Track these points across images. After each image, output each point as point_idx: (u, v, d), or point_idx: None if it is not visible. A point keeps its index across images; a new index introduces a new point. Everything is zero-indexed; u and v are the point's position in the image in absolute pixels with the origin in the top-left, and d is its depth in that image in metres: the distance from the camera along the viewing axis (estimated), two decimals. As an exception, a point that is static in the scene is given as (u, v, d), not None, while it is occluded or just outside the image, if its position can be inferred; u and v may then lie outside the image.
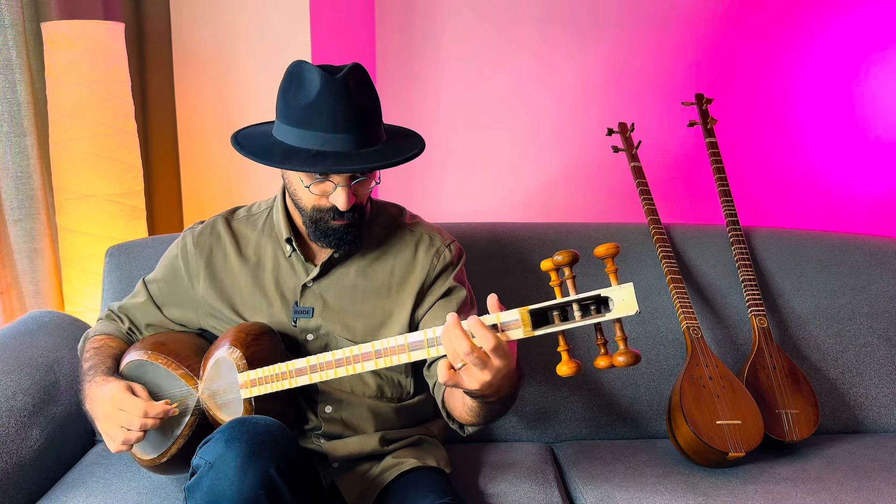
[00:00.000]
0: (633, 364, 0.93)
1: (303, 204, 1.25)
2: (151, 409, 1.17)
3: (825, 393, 1.70)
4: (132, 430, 1.17)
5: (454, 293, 1.34)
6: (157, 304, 1.40)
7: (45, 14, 1.99)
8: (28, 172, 1.97)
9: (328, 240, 1.25)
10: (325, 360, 1.11)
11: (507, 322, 0.97)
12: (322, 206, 1.23)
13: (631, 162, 1.88)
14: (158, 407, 1.18)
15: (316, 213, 1.24)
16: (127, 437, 1.17)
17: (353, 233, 1.26)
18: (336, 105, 1.16)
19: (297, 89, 1.19)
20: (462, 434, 1.28)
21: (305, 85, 1.18)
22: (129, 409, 1.17)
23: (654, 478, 1.45)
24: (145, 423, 1.17)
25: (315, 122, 1.17)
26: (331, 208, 1.22)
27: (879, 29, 2.51)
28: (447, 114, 2.66)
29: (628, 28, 2.56)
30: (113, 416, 1.18)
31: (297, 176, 1.22)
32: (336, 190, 1.19)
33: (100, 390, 1.23)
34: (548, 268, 0.94)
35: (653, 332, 1.70)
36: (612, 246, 0.91)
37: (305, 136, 1.18)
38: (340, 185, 1.19)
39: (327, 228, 1.24)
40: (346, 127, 1.17)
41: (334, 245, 1.26)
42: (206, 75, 2.28)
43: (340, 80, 1.16)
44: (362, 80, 1.20)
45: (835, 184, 2.63)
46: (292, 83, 1.20)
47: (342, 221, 1.23)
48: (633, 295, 0.91)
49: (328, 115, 1.16)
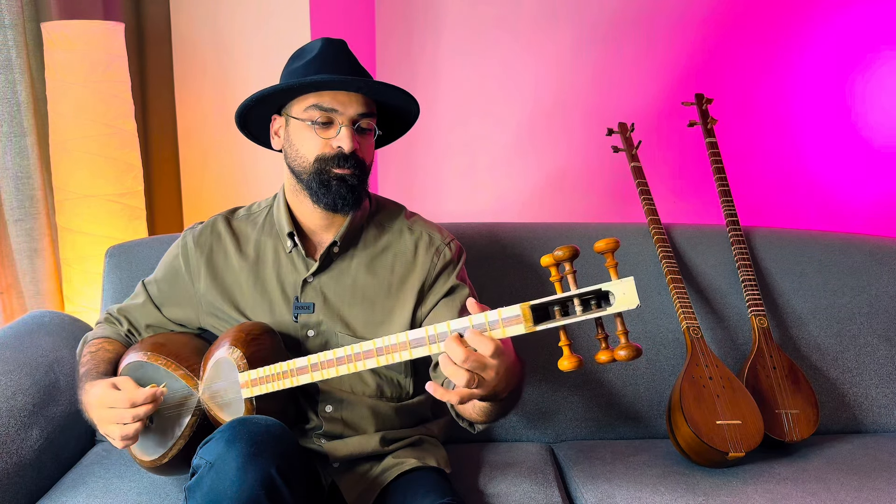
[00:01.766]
0: (634, 357, 0.92)
1: (306, 160, 1.27)
2: (138, 397, 1.17)
3: (825, 393, 1.70)
4: (127, 423, 1.17)
5: (457, 292, 1.34)
6: (156, 305, 1.41)
7: (45, 14, 1.99)
8: (28, 172, 1.97)
9: (330, 194, 1.26)
10: (326, 359, 1.11)
11: (508, 318, 0.96)
12: (326, 154, 1.25)
13: (631, 162, 1.88)
14: (144, 392, 1.17)
15: (320, 165, 1.26)
16: (124, 432, 1.17)
17: (357, 187, 1.28)
18: (338, 56, 1.27)
19: (299, 56, 1.30)
20: (472, 431, 1.27)
21: (306, 49, 1.30)
22: (116, 404, 1.17)
23: (654, 478, 1.45)
24: (136, 412, 1.16)
25: (321, 68, 1.25)
26: (335, 155, 1.25)
27: (879, 28, 2.51)
28: (447, 113, 2.66)
29: (629, 28, 2.56)
30: (105, 416, 1.18)
31: (303, 120, 1.26)
32: (340, 132, 1.24)
33: (89, 397, 1.23)
34: (548, 263, 0.94)
35: (653, 332, 1.70)
36: (612, 241, 0.91)
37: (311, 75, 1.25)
38: (344, 126, 1.24)
39: (331, 178, 1.26)
40: (349, 71, 1.26)
41: (339, 201, 1.27)
42: (206, 75, 2.28)
43: (339, 41, 1.29)
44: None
45: (834, 184, 2.63)
46: (294, 57, 1.31)
47: (345, 170, 1.25)
48: (633, 289, 0.91)
49: (332, 62, 1.25)
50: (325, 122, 1.25)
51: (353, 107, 1.25)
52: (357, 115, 1.26)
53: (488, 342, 0.96)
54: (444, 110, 2.66)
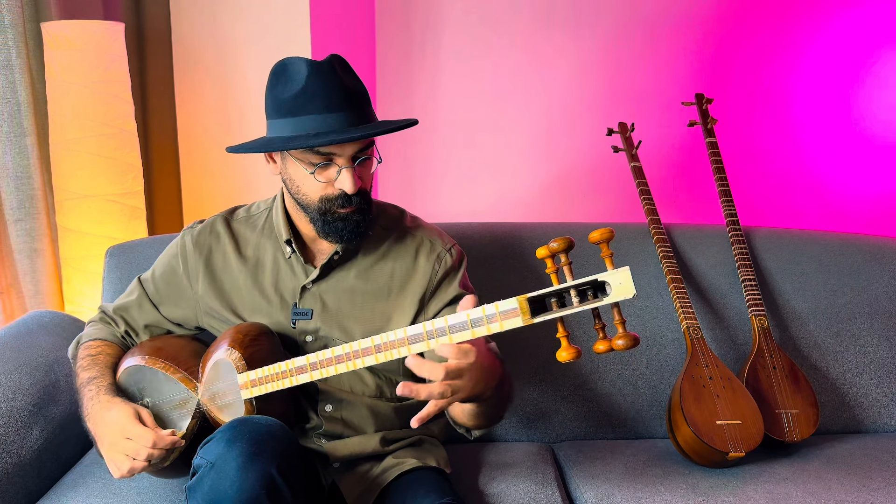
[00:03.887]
0: (632, 346, 0.92)
1: (309, 198, 1.24)
2: (160, 441, 1.16)
3: (825, 393, 1.70)
4: (138, 459, 1.16)
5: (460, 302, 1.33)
6: (153, 303, 1.40)
7: (45, 14, 1.99)
8: (28, 172, 1.97)
9: (339, 233, 1.24)
10: (324, 357, 1.11)
11: (506, 311, 0.96)
12: (329, 194, 1.22)
13: (631, 162, 1.88)
14: (166, 439, 1.17)
15: (324, 204, 1.23)
16: (133, 467, 1.17)
17: (363, 222, 1.25)
18: (326, 87, 1.17)
19: (284, 82, 1.20)
20: (469, 437, 1.28)
21: (292, 76, 1.19)
22: (136, 439, 1.16)
23: (654, 478, 1.45)
24: (152, 453, 1.16)
25: (308, 106, 1.17)
26: (338, 196, 1.21)
27: (879, 28, 2.51)
28: (447, 114, 2.66)
29: (629, 28, 2.56)
30: (119, 444, 1.17)
31: (301, 166, 1.21)
32: (341, 173, 1.20)
33: (105, 413, 1.21)
34: (543, 255, 0.94)
35: (653, 332, 1.70)
36: (607, 231, 0.90)
37: (301, 122, 1.18)
38: (345, 168, 1.19)
39: (337, 219, 1.23)
40: (339, 106, 1.18)
41: (346, 238, 1.25)
42: (206, 75, 2.28)
43: (326, 64, 1.19)
44: (346, 66, 1.22)
45: (834, 184, 2.63)
46: (279, 79, 1.21)
47: (351, 208, 1.22)
48: (629, 278, 0.90)
49: (321, 97, 1.17)
50: (324, 164, 1.20)
51: (352, 147, 1.20)
52: (356, 153, 1.21)
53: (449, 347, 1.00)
54: (445, 111, 2.66)
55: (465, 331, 0.99)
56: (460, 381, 1.02)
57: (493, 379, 1.10)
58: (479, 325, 0.98)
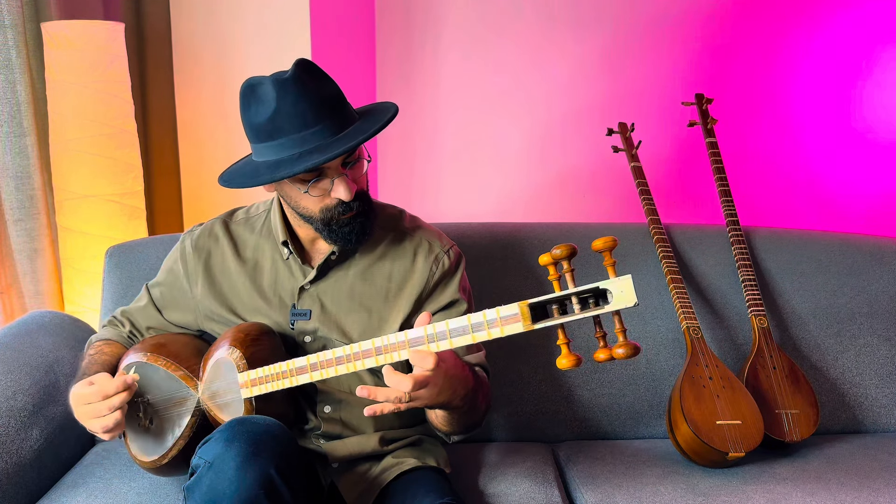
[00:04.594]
0: (632, 356, 0.92)
1: (310, 212, 1.23)
2: (108, 387, 1.17)
3: (825, 393, 1.70)
4: (104, 415, 1.17)
5: (455, 307, 1.34)
6: (157, 308, 1.41)
7: (45, 14, 1.99)
8: (28, 172, 1.97)
9: (346, 238, 1.24)
10: (325, 358, 1.11)
11: (506, 316, 0.97)
12: (328, 205, 1.22)
13: (631, 162, 1.88)
14: (114, 382, 1.17)
15: (326, 215, 1.22)
16: (104, 424, 1.17)
17: (367, 222, 1.25)
18: (297, 103, 1.15)
19: (255, 106, 1.17)
20: (448, 442, 1.31)
21: (262, 98, 1.16)
22: (91, 399, 1.18)
23: (654, 478, 1.45)
24: (111, 402, 1.16)
25: (285, 127, 1.15)
26: (337, 204, 1.21)
27: (880, 28, 2.51)
28: (447, 113, 2.66)
29: (629, 27, 2.56)
30: (84, 412, 1.19)
31: (294, 185, 1.21)
32: (335, 183, 1.19)
33: (71, 399, 1.23)
34: (546, 262, 0.94)
35: (653, 332, 1.70)
36: (610, 239, 0.91)
37: (281, 145, 1.17)
38: (337, 177, 1.19)
39: (341, 225, 1.23)
40: (315, 120, 1.16)
41: (355, 241, 1.25)
42: (206, 75, 2.28)
43: (291, 78, 1.15)
44: (312, 71, 1.18)
45: (835, 184, 2.63)
46: (249, 102, 1.19)
47: (352, 213, 1.22)
48: (631, 287, 0.91)
49: (296, 116, 1.15)
50: (316, 179, 1.19)
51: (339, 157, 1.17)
52: (345, 159, 1.20)
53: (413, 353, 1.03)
54: (445, 110, 2.66)
55: (465, 335, 1.00)
56: (423, 390, 1.05)
57: (461, 388, 1.13)
58: (480, 330, 0.99)
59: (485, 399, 1.25)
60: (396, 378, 1.03)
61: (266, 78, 1.17)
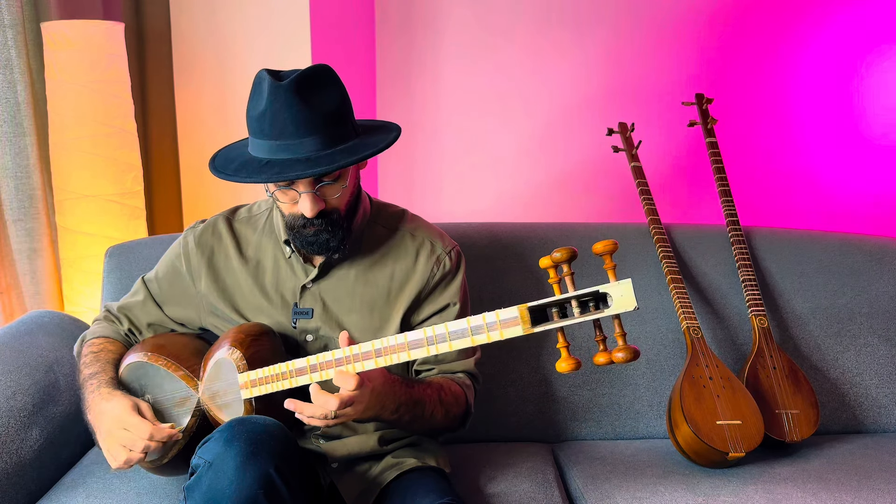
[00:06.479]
0: (631, 360, 0.93)
1: (282, 212, 1.25)
2: (157, 433, 1.17)
3: (825, 393, 1.70)
4: (134, 451, 1.17)
5: (447, 311, 1.34)
6: (157, 303, 1.40)
7: (45, 14, 1.99)
8: (28, 172, 1.97)
9: (308, 247, 1.25)
10: (325, 360, 1.11)
11: (506, 319, 0.97)
12: (295, 213, 1.22)
13: (631, 162, 1.88)
14: (164, 431, 1.18)
15: (291, 221, 1.24)
16: (129, 458, 1.18)
17: (332, 239, 1.23)
18: (282, 112, 1.13)
19: (255, 99, 1.17)
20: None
21: (260, 93, 1.16)
22: (133, 430, 1.17)
23: (654, 478, 1.45)
24: (149, 445, 1.17)
25: (266, 130, 1.15)
26: (301, 216, 1.21)
27: (880, 28, 2.51)
28: (447, 114, 2.66)
29: (628, 28, 2.56)
30: (116, 434, 1.18)
31: (264, 186, 1.21)
32: (301, 196, 1.17)
33: (105, 404, 1.22)
34: (546, 265, 0.95)
35: (653, 332, 1.70)
36: (611, 243, 0.91)
37: (260, 145, 1.17)
38: (304, 192, 1.16)
39: (303, 236, 1.23)
40: (296, 132, 1.13)
41: (318, 251, 1.25)
42: (206, 75, 2.28)
43: (285, 86, 1.13)
44: (315, 83, 1.15)
45: (835, 184, 2.63)
46: (253, 93, 1.18)
47: (312, 228, 1.21)
48: (631, 291, 0.91)
49: (277, 123, 1.14)
50: (283, 187, 1.18)
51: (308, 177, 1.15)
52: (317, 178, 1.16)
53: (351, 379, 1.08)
54: (445, 110, 2.66)
55: (464, 338, 1.00)
56: (349, 408, 1.11)
57: (390, 403, 1.17)
58: (479, 333, 0.99)
59: (444, 407, 1.26)
60: (323, 398, 1.09)
61: (271, 75, 1.16)
